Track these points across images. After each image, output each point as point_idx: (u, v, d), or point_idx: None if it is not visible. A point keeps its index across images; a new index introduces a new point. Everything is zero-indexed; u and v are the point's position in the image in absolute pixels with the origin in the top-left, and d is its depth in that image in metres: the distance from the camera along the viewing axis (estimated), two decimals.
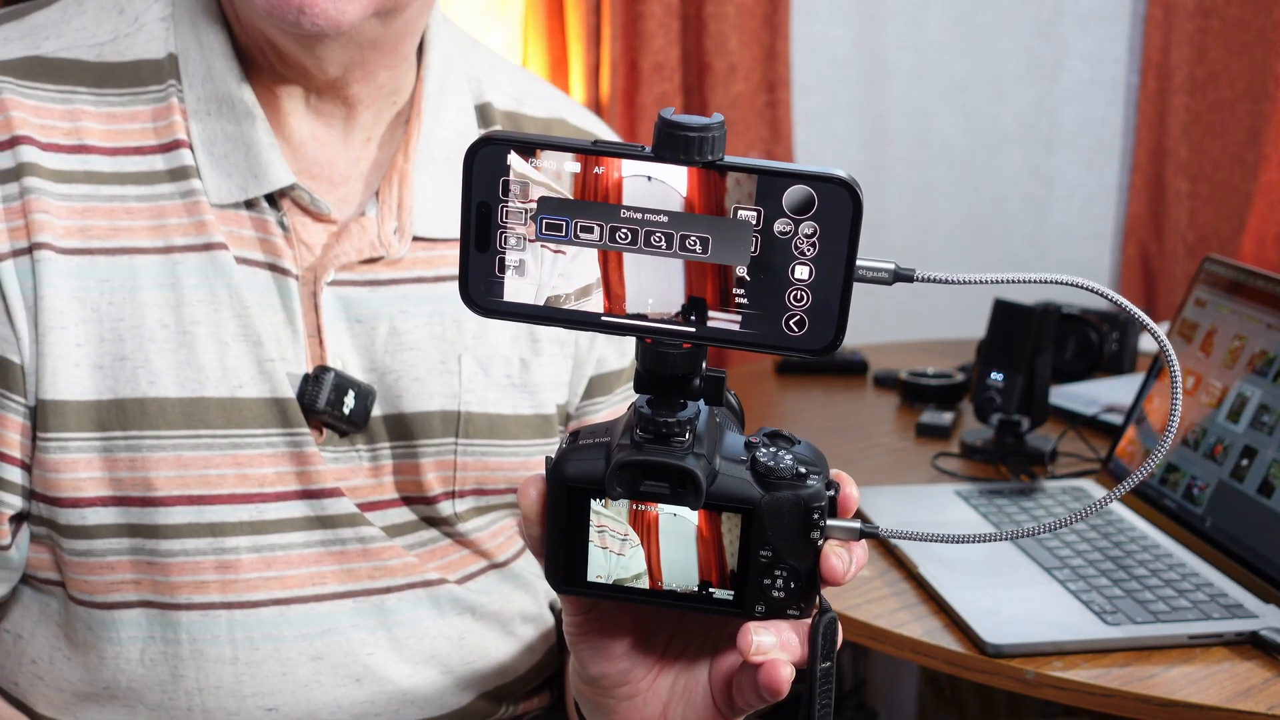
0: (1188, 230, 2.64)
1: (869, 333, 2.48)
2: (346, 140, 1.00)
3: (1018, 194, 2.70)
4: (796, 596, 0.67)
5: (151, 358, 0.92)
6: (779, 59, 2.41)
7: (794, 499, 0.66)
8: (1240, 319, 1.45)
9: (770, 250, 0.60)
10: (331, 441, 0.98)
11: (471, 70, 1.07)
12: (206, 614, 0.95)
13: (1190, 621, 1.22)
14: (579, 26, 2.30)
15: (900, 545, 1.37)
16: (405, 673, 1.00)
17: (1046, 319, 1.67)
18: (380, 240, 0.98)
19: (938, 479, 1.62)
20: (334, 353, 0.97)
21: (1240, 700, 1.11)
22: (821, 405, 1.95)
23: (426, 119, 1.01)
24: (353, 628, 0.98)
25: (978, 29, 2.62)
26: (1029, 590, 1.28)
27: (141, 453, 0.92)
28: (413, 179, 1.00)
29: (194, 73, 0.96)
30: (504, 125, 1.06)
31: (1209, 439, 1.42)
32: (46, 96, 0.94)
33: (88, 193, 0.93)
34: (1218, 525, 1.36)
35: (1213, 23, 2.59)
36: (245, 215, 0.96)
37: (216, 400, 0.93)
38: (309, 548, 0.97)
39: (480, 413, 1.01)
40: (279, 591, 0.96)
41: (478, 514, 1.03)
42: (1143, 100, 2.62)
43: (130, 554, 0.94)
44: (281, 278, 0.96)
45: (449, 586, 1.02)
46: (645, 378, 0.65)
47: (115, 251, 0.93)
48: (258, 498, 0.95)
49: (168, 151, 0.95)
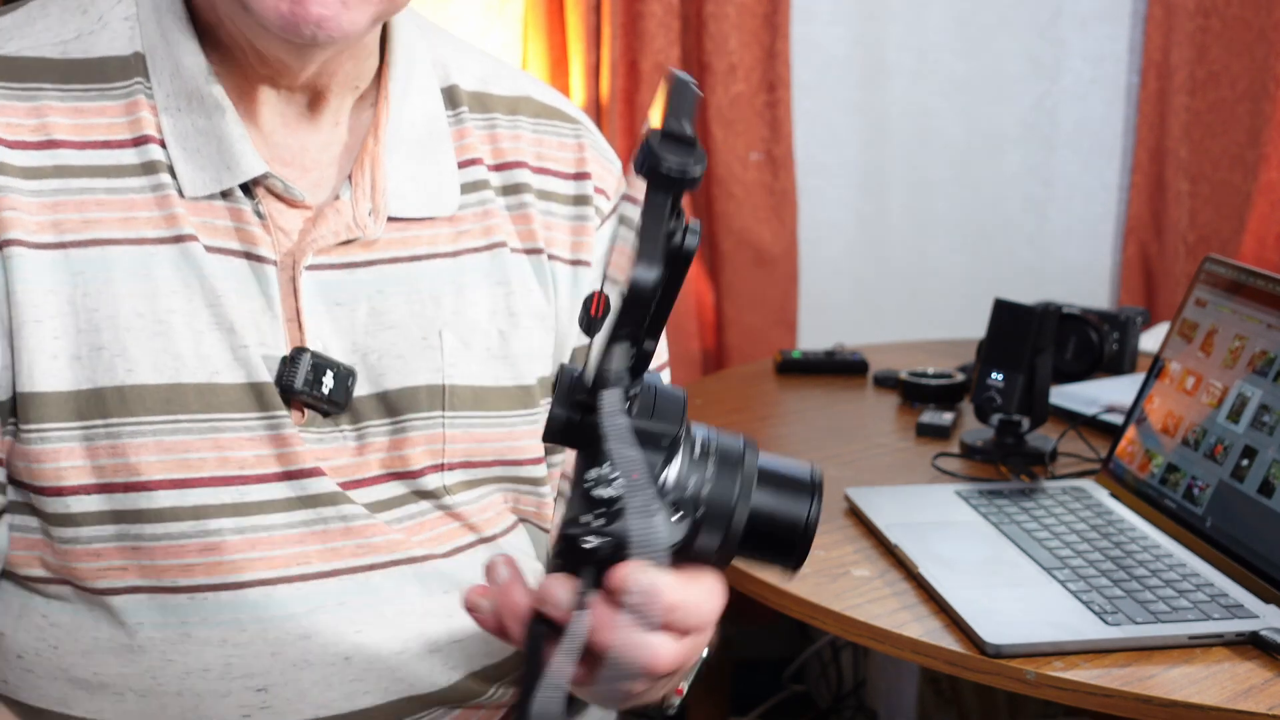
0: (1188, 230, 2.64)
1: (869, 333, 2.48)
2: (316, 126, 1.02)
3: (1018, 194, 2.69)
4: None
5: (128, 346, 0.93)
6: (779, 59, 2.41)
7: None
8: (1240, 319, 1.45)
9: None
10: (314, 422, 0.99)
11: (435, 54, 1.08)
12: (194, 597, 0.96)
13: (1190, 622, 1.21)
14: (579, 26, 2.29)
15: (900, 545, 1.37)
16: (394, 650, 1.00)
17: (1047, 319, 1.67)
18: (356, 222, 0.99)
19: (938, 479, 1.62)
20: (314, 336, 0.98)
21: (1240, 700, 1.11)
22: (821, 405, 1.95)
23: (394, 102, 1.03)
24: (340, 606, 0.98)
25: (978, 29, 2.62)
26: (1029, 590, 1.28)
27: (122, 439, 0.93)
28: (384, 161, 1.01)
29: (162, 70, 0.97)
30: (470, 105, 1.08)
31: (1209, 439, 1.42)
32: (10, 94, 0.95)
33: (58, 187, 0.94)
34: (1218, 525, 1.36)
35: (1213, 23, 2.59)
36: (221, 206, 0.97)
37: (194, 385, 0.94)
38: (292, 528, 0.97)
39: (464, 385, 1.02)
40: (264, 572, 0.97)
41: (466, 488, 1.04)
42: (1143, 100, 2.62)
43: (116, 540, 0.95)
44: (259, 265, 0.97)
45: (435, 562, 1.02)
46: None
47: (88, 244, 0.94)
48: (239, 480, 0.96)
49: (137, 146, 0.96)
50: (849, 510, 1.50)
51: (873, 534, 1.43)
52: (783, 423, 1.90)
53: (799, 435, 1.82)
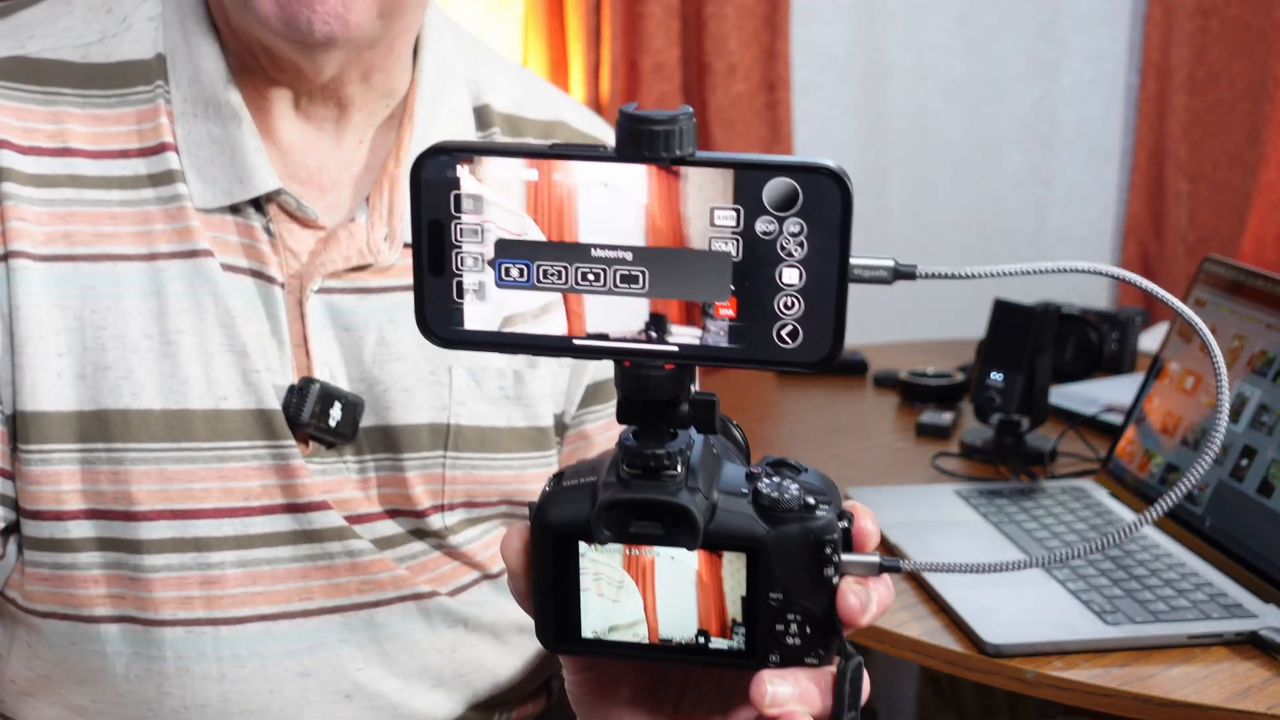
0: (1188, 230, 2.64)
1: (869, 333, 2.47)
2: (338, 144, 0.98)
3: (1018, 194, 2.70)
4: (814, 642, 0.59)
5: (135, 368, 0.90)
6: (779, 59, 2.41)
7: (803, 533, 0.58)
8: (1240, 319, 1.45)
9: (754, 254, 0.53)
10: (318, 453, 0.95)
11: (472, 71, 1.04)
12: (191, 630, 0.93)
13: (1190, 621, 1.22)
14: (579, 26, 2.30)
15: (900, 545, 1.37)
16: (396, 687, 0.99)
17: (1046, 319, 1.67)
18: (369, 247, 0.96)
19: (938, 479, 1.62)
20: (321, 362, 0.95)
21: (1240, 700, 1.11)
22: (821, 405, 1.95)
23: (420, 121, 0.98)
24: (341, 643, 0.96)
25: (978, 29, 2.62)
26: (1029, 590, 1.28)
27: (124, 465, 0.90)
28: (404, 184, 0.97)
29: (181, 74, 0.93)
30: (503, 128, 1.04)
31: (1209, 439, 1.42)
32: (29, 98, 0.92)
33: (71, 197, 0.91)
34: (1217, 525, 1.36)
35: (1212, 23, 2.59)
36: (230, 220, 0.93)
37: (201, 412, 0.91)
38: (296, 562, 0.95)
39: (471, 425, 0.99)
40: (265, 607, 0.94)
41: (469, 525, 1.01)
42: (1143, 100, 2.62)
43: (106, 568, 0.92)
44: (266, 285, 0.93)
45: (440, 599, 1.00)
46: (627, 405, 0.58)
47: (99, 258, 0.91)
48: (243, 511, 0.93)
49: (152, 155, 0.93)
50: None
51: None
52: (783, 422, 1.90)
53: (799, 435, 1.82)
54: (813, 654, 0.60)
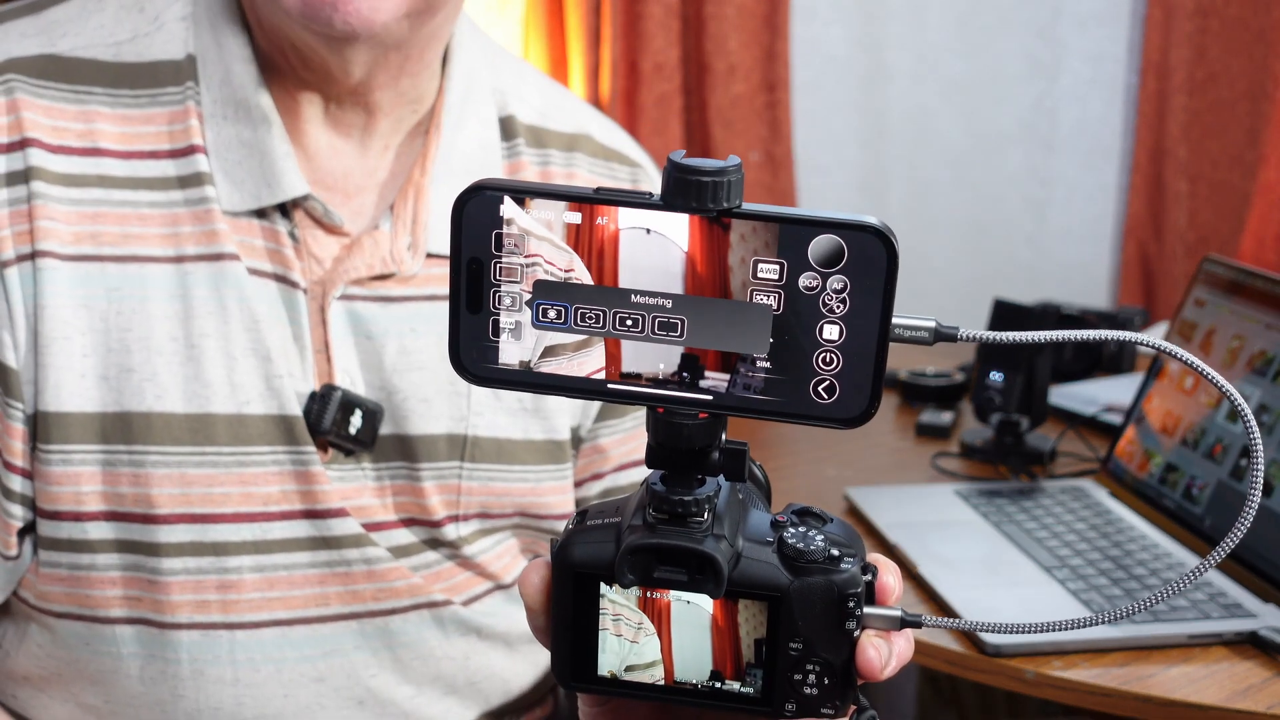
0: (1187, 230, 2.64)
1: None
2: (364, 150, 0.97)
3: (1017, 194, 2.70)
4: (830, 694, 0.60)
5: (159, 371, 0.90)
6: (779, 59, 2.42)
7: (826, 585, 0.59)
8: (1239, 319, 1.45)
9: (795, 308, 0.53)
10: (337, 460, 0.95)
11: (498, 81, 1.03)
12: (207, 634, 0.93)
13: (1189, 621, 1.22)
14: (579, 26, 2.30)
15: (900, 545, 1.37)
16: (408, 694, 0.99)
17: (1046, 319, 1.67)
18: (393, 256, 0.95)
19: (938, 479, 1.62)
20: (341, 369, 0.95)
21: (1239, 700, 1.11)
22: None
23: (447, 130, 0.98)
24: (356, 649, 0.97)
25: (978, 29, 2.62)
26: (1029, 590, 1.28)
27: (145, 468, 0.90)
28: (429, 193, 0.96)
29: (212, 75, 0.93)
30: (527, 139, 1.03)
31: (1208, 439, 1.42)
32: (60, 96, 0.92)
33: (99, 197, 0.91)
34: (1217, 525, 1.36)
35: (1212, 23, 2.59)
36: (256, 224, 0.93)
37: (223, 417, 0.91)
38: (313, 568, 0.95)
39: (488, 437, 0.99)
40: (281, 612, 0.94)
41: (483, 536, 1.01)
42: (1142, 100, 2.62)
43: (124, 570, 0.92)
44: (289, 290, 0.93)
45: (454, 608, 1.00)
46: (658, 451, 0.58)
47: (126, 259, 0.90)
48: (261, 516, 0.93)
49: (181, 157, 0.92)
50: (849, 510, 1.51)
51: (872, 534, 1.44)
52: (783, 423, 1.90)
53: (799, 435, 1.82)
54: (829, 705, 0.60)
